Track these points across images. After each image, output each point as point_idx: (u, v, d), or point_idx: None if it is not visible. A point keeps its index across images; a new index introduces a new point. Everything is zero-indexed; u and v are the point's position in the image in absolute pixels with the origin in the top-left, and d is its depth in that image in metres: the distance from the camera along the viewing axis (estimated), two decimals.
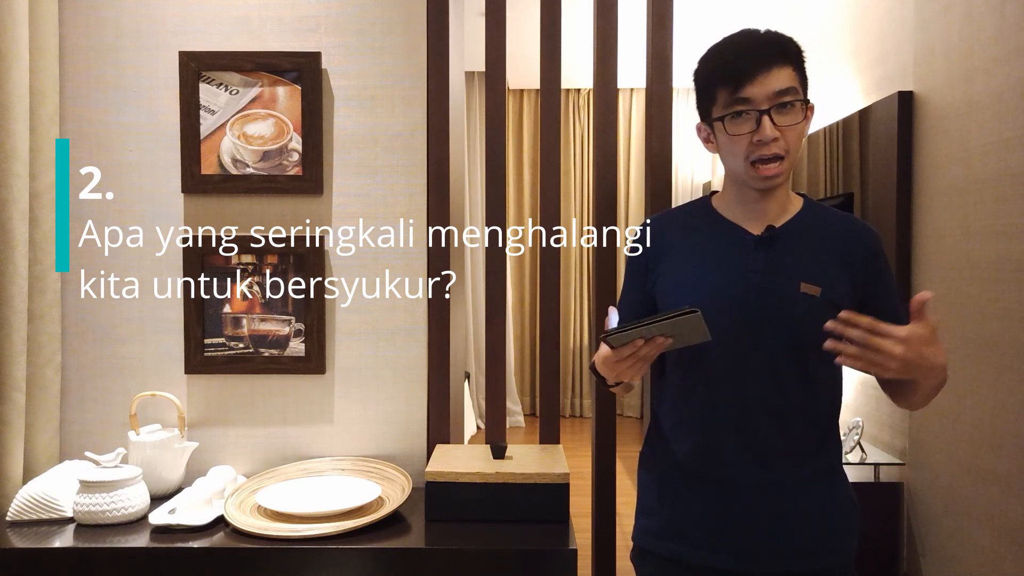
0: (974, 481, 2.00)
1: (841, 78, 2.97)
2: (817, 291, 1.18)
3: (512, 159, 5.73)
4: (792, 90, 1.16)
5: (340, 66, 1.85)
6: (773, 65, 1.15)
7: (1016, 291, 1.81)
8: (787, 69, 1.16)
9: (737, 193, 1.26)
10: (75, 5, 1.83)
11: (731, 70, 1.17)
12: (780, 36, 1.20)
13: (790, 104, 1.16)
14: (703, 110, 1.24)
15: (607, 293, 1.90)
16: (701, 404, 1.24)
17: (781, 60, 1.16)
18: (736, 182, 1.25)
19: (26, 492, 1.61)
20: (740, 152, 1.18)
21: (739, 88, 1.16)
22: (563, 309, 5.68)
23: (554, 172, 1.90)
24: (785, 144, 1.16)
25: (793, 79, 1.17)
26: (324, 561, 1.46)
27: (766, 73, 1.15)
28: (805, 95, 1.19)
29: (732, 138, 1.18)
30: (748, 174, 1.20)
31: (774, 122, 1.15)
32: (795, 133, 1.17)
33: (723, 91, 1.18)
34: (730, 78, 1.16)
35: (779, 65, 1.15)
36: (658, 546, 1.29)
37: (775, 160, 1.17)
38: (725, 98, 1.18)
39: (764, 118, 1.15)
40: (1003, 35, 1.87)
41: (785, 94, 1.15)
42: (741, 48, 1.18)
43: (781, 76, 1.15)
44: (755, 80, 1.15)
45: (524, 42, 3.19)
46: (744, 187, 1.24)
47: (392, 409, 1.87)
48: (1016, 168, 1.82)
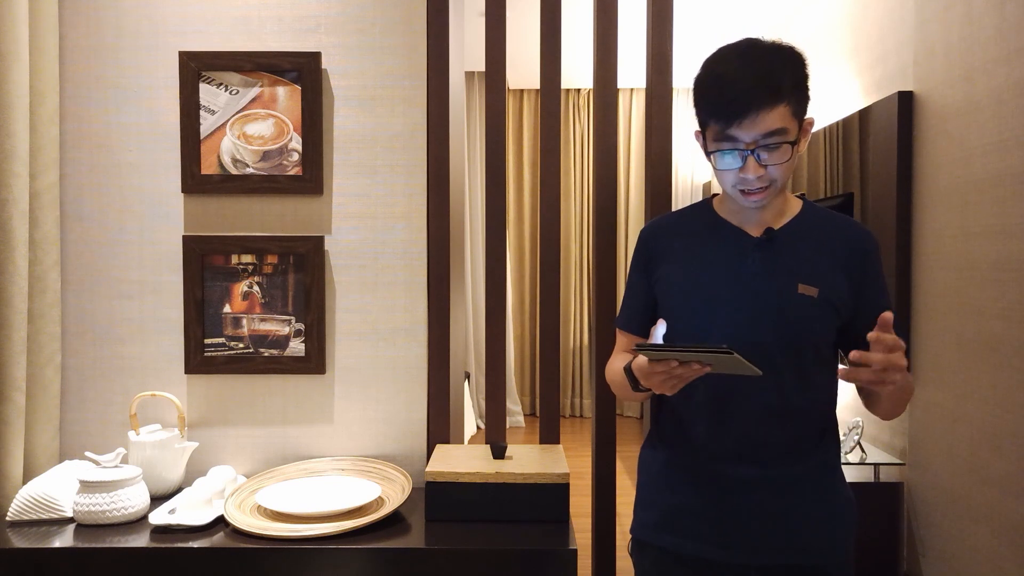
0: (974, 481, 2.00)
1: (841, 78, 2.97)
2: (815, 292, 1.20)
3: (512, 159, 5.73)
4: (781, 131, 1.15)
5: (340, 66, 1.85)
6: (763, 107, 1.13)
7: (1016, 291, 1.81)
8: (779, 108, 1.14)
9: (735, 199, 1.27)
10: (75, 5, 1.83)
11: (721, 108, 1.16)
12: (779, 62, 1.16)
13: (777, 144, 1.15)
14: (700, 126, 1.25)
15: (607, 293, 1.90)
16: (700, 402, 1.26)
17: (772, 100, 1.13)
18: None
19: (26, 492, 1.61)
20: (728, 181, 1.21)
21: (728, 127, 1.15)
22: (563, 309, 5.68)
23: (554, 172, 1.90)
24: (770, 177, 1.17)
25: (785, 118, 1.15)
26: (324, 561, 1.46)
27: (755, 116, 1.13)
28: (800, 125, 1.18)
29: (720, 170, 1.21)
30: (737, 198, 1.22)
31: (760, 159, 1.16)
32: (780, 168, 1.17)
33: (714, 125, 1.18)
34: (720, 116, 1.16)
35: (769, 106, 1.13)
36: (655, 538, 1.30)
37: (760, 190, 1.19)
38: (715, 132, 1.18)
39: (749, 158, 1.16)
40: (1003, 35, 1.87)
41: (772, 136, 1.14)
42: (734, 84, 1.15)
43: (771, 117, 1.13)
44: (743, 123, 1.14)
45: (524, 42, 3.20)
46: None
47: (392, 409, 1.87)
48: (1016, 168, 1.82)
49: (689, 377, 1.10)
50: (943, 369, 2.12)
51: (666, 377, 1.11)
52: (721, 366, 1.10)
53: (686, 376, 1.10)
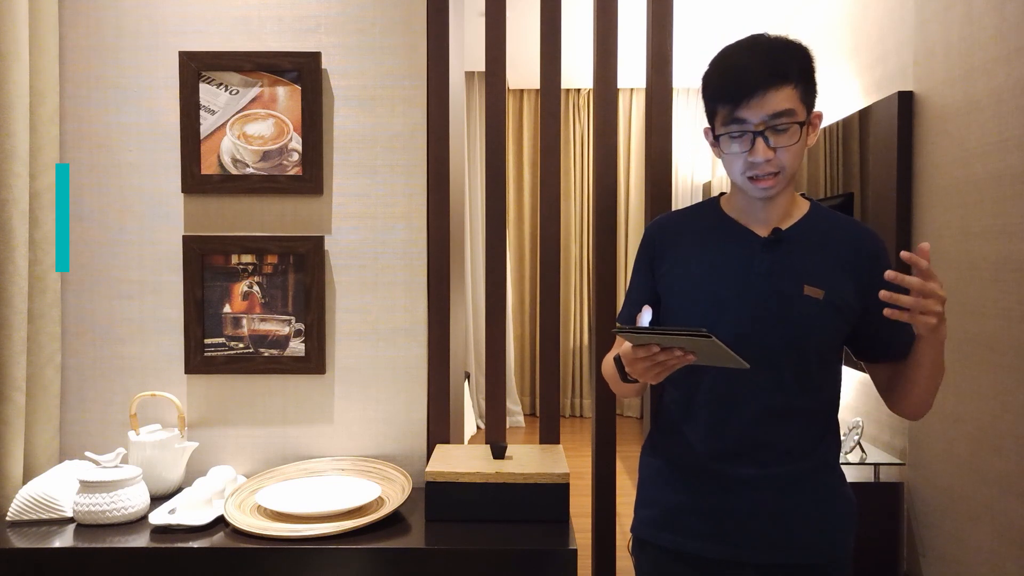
0: (974, 481, 2.00)
1: (841, 78, 2.97)
2: (820, 294, 1.20)
3: (512, 159, 5.73)
4: (789, 112, 1.15)
5: (340, 66, 1.85)
6: (771, 86, 1.14)
7: (1016, 291, 1.81)
8: (786, 89, 1.15)
9: (743, 196, 1.27)
10: (75, 5, 1.83)
11: (729, 90, 1.17)
12: (786, 51, 1.18)
13: (785, 126, 1.16)
14: (708, 117, 1.26)
15: (607, 293, 1.90)
16: (702, 401, 1.26)
17: (780, 80, 1.14)
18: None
19: (26, 492, 1.61)
20: (736, 168, 1.20)
21: (736, 108, 1.16)
22: (563, 309, 5.68)
23: (554, 172, 1.90)
24: (780, 162, 1.17)
25: (792, 99, 1.15)
26: (324, 561, 1.46)
27: (762, 95, 1.14)
28: (808, 112, 1.19)
29: (728, 155, 1.20)
30: (745, 186, 1.22)
31: (769, 142, 1.16)
32: (790, 153, 1.17)
33: (722, 109, 1.19)
34: (727, 98, 1.17)
35: (777, 86, 1.14)
36: (656, 536, 1.30)
37: (770, 176, 1.18)
38: (723, 116, 1.19)
39: (758, 140, 1.16)
40: (1003, 35, 1.87)
41: (780, 116, 1.15)
42: (742, 66, 1.17)
43: (778, 97, 1.14)
44: (751, 102, 1.14)
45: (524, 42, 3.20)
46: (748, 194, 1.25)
47: (392, 409, 1.87)
48: (1016, 168, 1.82)
49: (673, 365, 1.10)
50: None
51: (650, 364, 1.10)
52: (705, 356, 1.09)
53: (669, 363, 1.10)
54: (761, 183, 1.19)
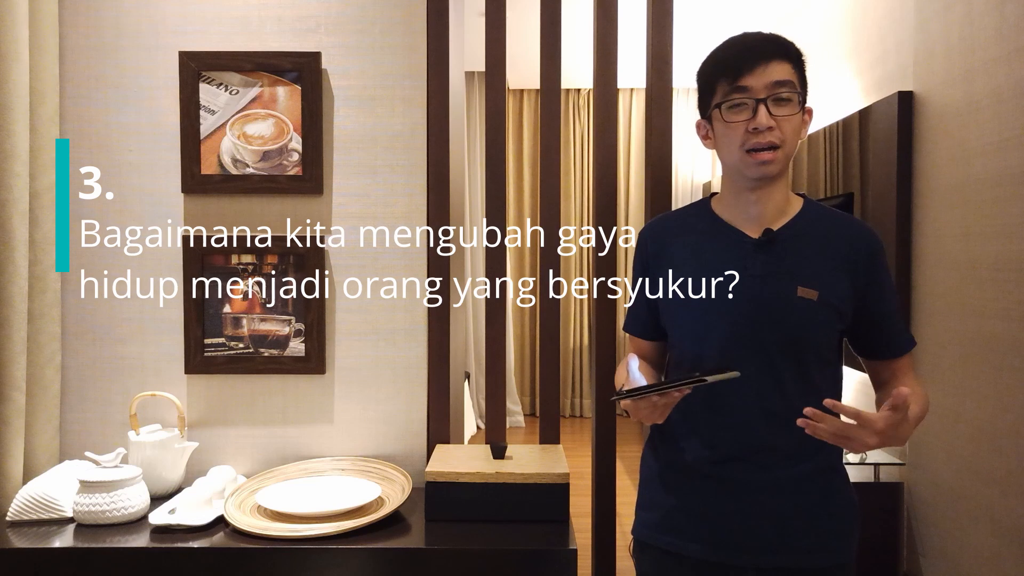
0: (974, 481, 2.00)
1: (841, 78, 2.97)
2: (814, 295, 1.20)
3: (512, 159, 5.72)
4: (789, 83, 1.18)
5: (340, 66, 1.85)
6: (772, 58, 1.18)
7: (1016, 291, 1.81)
8: (786, 64, 1.19)
9: (734, 193, 1.27)
10: (75, 5, 1.83)
11: (731, 62, 1.20)
12: (781, 36, 1.22)
13: (787, 97, 1.18)
14: (703, 104, 1.27)
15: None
16: (701, 404, 1.25)
17: (780, 55, 1.19)
18: (733, 177, 1.26)
19: (26, 492, 1.61)
20: (736, 140, 1.20)
21: (738, 78, 1.18)
22: (563, 309, 5.68)
23: (554, 172, 1.90)
24: (780, 135, 1.18)
25: (791, 74, 1.19)
26: (324, 561, 1.46)
27: (765, 65, 1.17)
28: (804, 93, 1.21)
29: (728, 126, 1.20)
30: (743, 162, 1.21)
31: (770, 112, 1.17)
32: (790, 125, 1.19)
33: (723, 83, 1.21)
34: (730, 70, 1.19)
35: (778, 59, 1.18)
36: (657, 539, 1.30)
37: (770, 149, 1.18)
38: (724, 89, 1.21)
39: (760, 106, 1.17)
40: (1003, 35, 1.87)
41: (782, 86, 1.18)
42: (742, 44, 1.21)
43: (779, 69, 1.18)
44: (754, 71, 1.18)
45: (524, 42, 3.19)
46: (741, 185, 1.25)
47: (392, 409, 1.87)
48: (1016, 168, 1.82)
49: (672, 403, 1.15)
50: (943, 369, 2.12)
51: (651, 410, 1.15)
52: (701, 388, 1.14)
53: (670, 404, 1.14)
54: (760, 156, 1.18)
